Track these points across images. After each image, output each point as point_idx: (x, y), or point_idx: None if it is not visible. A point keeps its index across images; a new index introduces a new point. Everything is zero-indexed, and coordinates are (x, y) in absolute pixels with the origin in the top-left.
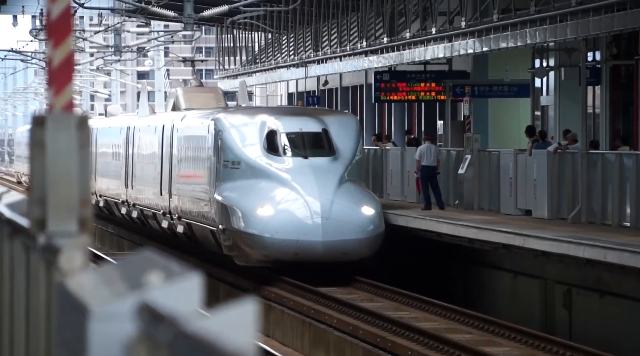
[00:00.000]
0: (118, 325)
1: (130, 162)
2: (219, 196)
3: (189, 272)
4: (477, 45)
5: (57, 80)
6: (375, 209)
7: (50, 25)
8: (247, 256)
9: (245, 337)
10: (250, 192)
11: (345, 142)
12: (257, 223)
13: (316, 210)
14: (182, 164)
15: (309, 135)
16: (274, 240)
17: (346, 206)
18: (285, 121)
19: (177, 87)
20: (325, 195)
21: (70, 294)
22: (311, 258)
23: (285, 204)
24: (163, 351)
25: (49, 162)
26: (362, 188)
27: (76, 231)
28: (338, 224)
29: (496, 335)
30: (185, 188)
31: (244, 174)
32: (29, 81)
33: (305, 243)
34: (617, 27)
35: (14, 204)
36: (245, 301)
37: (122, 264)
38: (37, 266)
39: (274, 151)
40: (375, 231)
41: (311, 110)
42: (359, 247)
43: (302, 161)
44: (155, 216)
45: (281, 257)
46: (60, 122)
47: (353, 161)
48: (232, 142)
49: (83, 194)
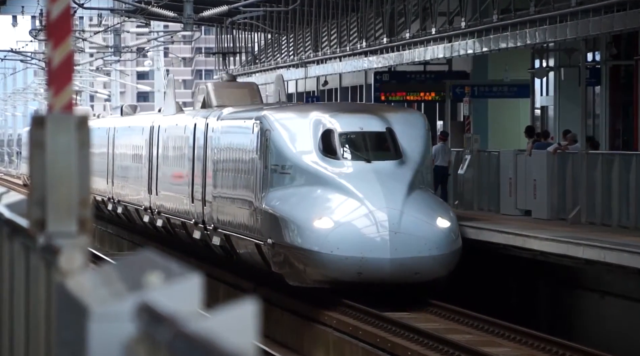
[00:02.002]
0: (118, 325)
1: (154, 166)
2: (267, 206)
3: (189, 272)
4: (477, 46)
5: (56, 80)
6: (451, 221)
7: (50, 25)
8: (302, 275)
9: (246, 337)
10: (305, 201)
11: (412, 143)
12: (314, 237)
13: (383, 222)
14: (218, 168)
15: (372, 135)
16: (334, 257)
17: (418, 217)
18: (343, 119)
19: (207, 82)
20: (393, 205)
21: (70, 295)
22: (377, 279)
23: (346, 216)
24: (163, 352)
25: (48, 163)
26: (434, 197)
27: (76, 231)
28: (409, 239)
29: (496, 335)
30: (222, 195)
31: (296, 180)
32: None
33: (371, 260)
34: (617, 28)
35: (14, 205)
36: (246, 302)
37: (122, 264)
38: (36, 266)
39: (330, 154)
40: (452, 247)
41: (372, 106)
42: (434, 265)
43: (365, 166)
44: (184, 225)
45: (342, 277)
46: (60, 123)
47: (422, 165)
48: (281, 143)
49: (83, 194)
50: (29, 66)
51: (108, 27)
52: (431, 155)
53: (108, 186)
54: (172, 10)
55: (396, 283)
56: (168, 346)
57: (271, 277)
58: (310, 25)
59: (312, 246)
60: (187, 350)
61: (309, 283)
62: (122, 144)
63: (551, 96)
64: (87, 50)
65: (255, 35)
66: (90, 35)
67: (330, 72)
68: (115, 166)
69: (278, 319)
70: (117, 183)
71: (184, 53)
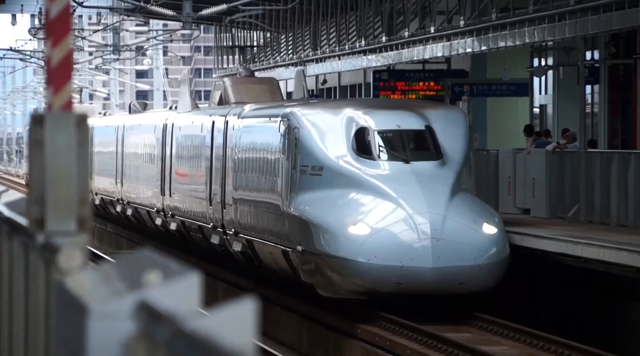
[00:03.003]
0: (117, 323)
1: (167, 165)
2: (296, 210)
3: (188, 271)
4: (476, 44)
5: (56, 79)
6: (498, 228)
7: (49, 24)
8: (335, 285)
9: (245, 336)
10: (338, 205)
11: (453, 142)
12: (348, 244)
13: (424, 229)
14: (239, 168)
15: (410, 133)
16: (370, 266)
17: (462, 223)
18: (378, 116)
19: (224, 78)
20: (435, 209)
21: (69, 293)
22: (418, 289)
23: (384, 221)
24: (162, 350)
25: (47, 161)
26: (478, 200)
27: (75, 230)
28: (452, 247)
29: (495, 334)
30: (244, 198)
31: (327, 182)
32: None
33: (411, 270)
34: (616, 26)
35: (13, 203)
36: (245, 301)
37: (121, 263)
38: (36, 265)
39: (365, 154)
40: (500, 255)
41: (409, 102)
42: (479, 275)
43: (403, 167)
44: (201, 229)
45: (380, 288)
46: (59, 121)
47: (464, 165)
48: (311, 142)
49: (82, 193)
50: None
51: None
52: (472, 155)
53: (117, 187)
54: (171, 8)
55: (439, 294)
56: (167, 344)
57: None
58: (309, 24)
59: (347, 254)
60: (186, 348)
61: (343, 294)
62: (132, 143)
63: (550, 94)
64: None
65: (254, 34)
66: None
67: (329, 70)
68: (124, 165)
69: (277, 317)
70: (127, 184)
71: (183, 52)
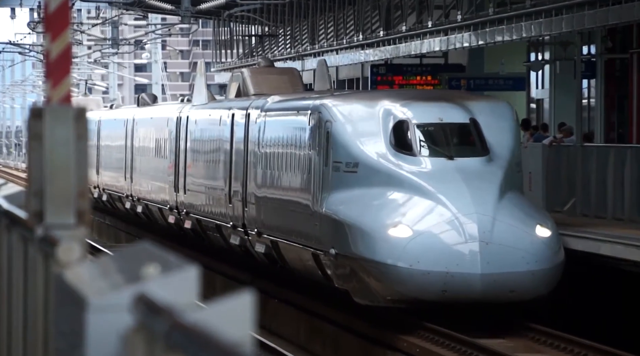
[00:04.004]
0: (115, 316)
1: (181, 160)
2: (329, 210)
3: (186, 264)
4: (473, 39)
5: (55, 72)
6: (552, 230)
7: (48, 18)
8: (372, 292)
9: (242, 329)
10: (376, 205)
11: (499, 137)
12: (388, 248)
13: (472, 231)
14: (263, 165)
15: (453, 127)
16: (413, 272)
17: (513, 225)
18: (418, 109)
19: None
20: (483, 210)
21: (67, 286)
22: (465, 297)
23: (427, 223)
24: (160, 343)
25: (46, 155)
26: (529, 201)
27: (74, 223)
28: (503, 251)
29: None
30: (269, 196)
31: (363, 179)
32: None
33: (458, 276)
34: (612, 21)
35: (12, 196)
36: (242, 293)
37: (120, 256)
38: (34, 257)
39: (405, 149)
40: (554, 261)
41: (450, 94)
42: (532, 282)
43: (446, 163)
44: (219, 228)
45: (423, 296)
46: (58, 115)
47: (512, 162)
48: (345, 137)
49: (81, 186)
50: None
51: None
52: (520, 151)
53: (126, 182)
54: (170, 2)
55: (488, 302)
56: (165, 337)
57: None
58: (307, 18)
59: (387, 259)
60: (184, 341)
61: (382, 302)
62: (142, 137)
63: (547, 88)
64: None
65: (252, 28)
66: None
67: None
68: (134, 160)
69: (275, 310)
70: (137, 179)
71: (181, 46)
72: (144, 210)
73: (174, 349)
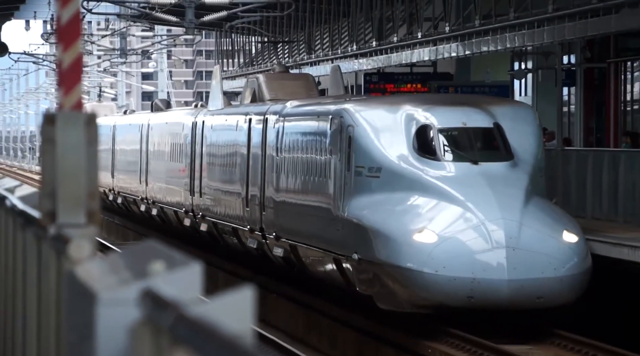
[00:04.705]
0: (123, 310)
1: (197, 165)
2: (352, 215)
3: (190, 261)
4: (460, 49)
5: (66, 81)
6: (578, 235)
7: (61, 29)
8: (396, 297)
9: (243, 322)
10: (401, 210)
11: (523, 141)
12: (413, 253)
13: (498, 237)
14: (281, 169)
15: (477, 132)
16: (439, 278)
17: (540, 230)
18: (441, 113)
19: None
20: (510, 215)
21: (78, 282)
22: (492, 304)
23: (452, 228)
24: (165, 335)
25: (58, 158)
26: (554, 206)
27: (84, 222)
28: (530, 257)
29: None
30: (288, 201)
31: (386, 184)
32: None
33: (484, 282)
34: (591, 33)
35: (26, 197)
36: (243, 288)
37: (127, 253)
38: (47, 255)
39: (428, 154)
40: (582, 267)
41: (472, 98)
42: (560, 289)
43: (471, 168)
44: (235, 231)
45: (449, 302)
46: (69, 120)
47: (536, 167)
48: (368, 141)
49: (91, 187)
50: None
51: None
52: (543, 156)
53: (141, 186)
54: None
55: (515, 309)
56: (170, 330)
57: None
58: (304, 30)
59: (412, 265)
60: (188, 333)
61: (406, 308)
62: (158, 141)
63: (529, 96)
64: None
65: (253, 39)
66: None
67: (323, 73)
68: (149, 164)
69: (274, 304)
70: (152, 183)
71: (185, 55)
72: (158, 213)
73: (178, 341)
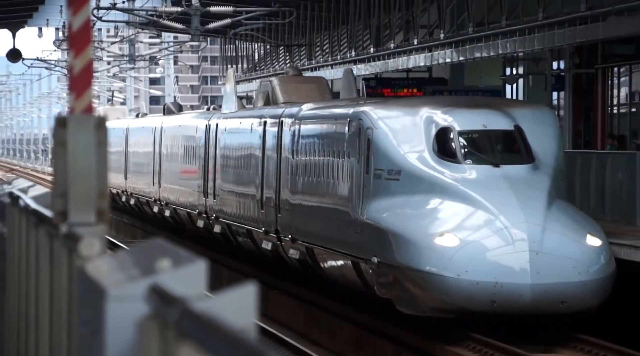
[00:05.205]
0: (131, 305)
1: (210, 167)
2: (371, 218)
3: (195, 258)
4: (455, 55)
5: (77, 85)
6: (602, 239)
7: (72, 36)
8: (417, 301)
9: (246, 317)
10: (421, 213)
11: (544, 144)
12: (435, 257)
13: (521, 240)
14: (297, 172)
15: (498, 134)
16: (461, 282)
17: (564, 234)
18: (461, 116)
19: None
20: (533, 219)
21: (89, 278)
22: (515, 309)
23: (474, 232)
24: (171, 329)
25: (70, 160)
26: (576, 209)
27: (94, 221)
28: (554, 261)
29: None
30: (304, 204)
31: (406, 187)
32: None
33: (508, 286)
34: (579, 39)
35: (39, 197)
36: (247, 285)
37: (136, 251)
38: (59, 252)
39: (448, 156)
40: (606, 271)
41: (492, 100)
42: (584, 293)
43: (492, 171)
44: (250, 233)
45: (471, 306)
46: (80, 123)
47: (557, 170)
48: (387, 144)
49: (101, 188)
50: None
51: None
52: (564, 158)
53: (154, 187)
54: (181, 22)
55: (538, 313)
56: (176, 324)
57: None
58: (304, 37)
59: (433, 269)
60: (194, 327)
61: (427, 312)
62: (170, 144)
63: (521, 100)
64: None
65: (255, 45)
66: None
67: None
68: (162, 166)
69: (276, 300)
70: (165, 185)
71: (191, 61)
72: (171, 214)
73: (184, 335)
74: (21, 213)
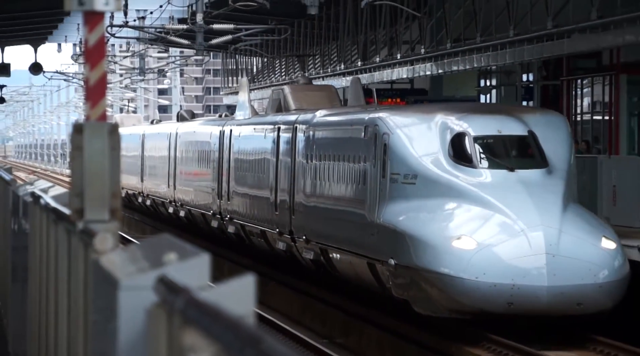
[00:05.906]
0: (141, 294)
1: (224, 170)
2: (387, 220)
3: (199, 252)
4: (434, 68)
5: (93, 96)
6: (616, 242)
7: (88, 51)
8: (434, 303)
9: (246, 305)
10: (438, 217)
11: (557, 148)
12: (453, 260)
13: (538, 244)
14: (312, 176)
15: (512, 139)
16: (478, 285)
17: (579, 237)
18: (475, 121)
19: (282, 85)
20: (549, 222)
21: (103, 270)
22: (532, 310)
23: (491, 235)
24: (177, 316)
25: (86, 163)
26: (590, 212)
27: (108, 218)
28: (570, 264)
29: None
30: (319, 206)
31: (422, 191)
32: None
33: (524, 289)
34: (546, 54)
35: (58, 197)
36: (246, 276)
37: (145, 245)
38: (76, 247)
39: (464, 161)
40: (620, 273)
41: (505, 107)
42: (599, 295)
43: (507, 175)
44: (263, 233)
45: (488, 308)
46: (95, 130)
47: (570, 174)
48: (403, 149)
49: (114, 188)
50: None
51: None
52: (575, 162)
53: (169, 189)
54: (187, 39)
55: (555, 315)
56: (182, 311)
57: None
58: (298, 51)
59: (451, 271)
60: (198, 315)
61: (444, 313)
62: (185, 149)
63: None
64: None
65: (254, 59)
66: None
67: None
68: (177, 169)
69: (273, 290)
70: (180, 187)
71: (196, 73)
72: (186, 214)
73: (189, 321)
74: (42, 211)
